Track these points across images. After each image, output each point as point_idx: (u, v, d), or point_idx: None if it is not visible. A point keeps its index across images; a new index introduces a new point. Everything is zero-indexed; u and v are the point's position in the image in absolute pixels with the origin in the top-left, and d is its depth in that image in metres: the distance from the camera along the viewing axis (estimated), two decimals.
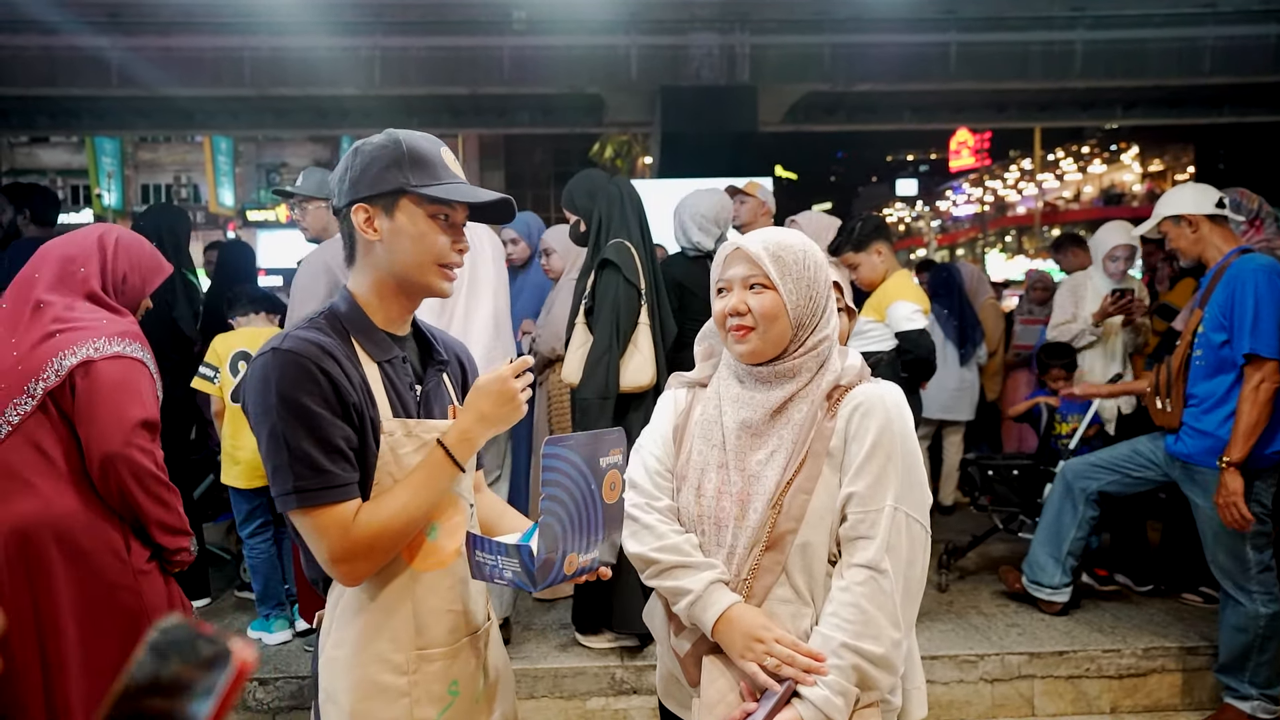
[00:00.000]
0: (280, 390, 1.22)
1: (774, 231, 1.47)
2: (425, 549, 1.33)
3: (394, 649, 1.30)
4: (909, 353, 3.24)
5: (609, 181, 3.24)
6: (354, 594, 1.32)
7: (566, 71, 14.99)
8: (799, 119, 16.46)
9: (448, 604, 1.35)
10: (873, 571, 1.31)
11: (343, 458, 1.24)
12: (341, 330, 1.33)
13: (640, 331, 2.99)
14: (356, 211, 1.31)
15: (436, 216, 1.32)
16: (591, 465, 1.24)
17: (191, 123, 16.29)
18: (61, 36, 13.83)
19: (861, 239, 3.39)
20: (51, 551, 1.79)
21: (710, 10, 14.63)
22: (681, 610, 1.40)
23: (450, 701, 1.34)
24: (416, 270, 1.32)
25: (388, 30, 14.57)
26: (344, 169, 1.34)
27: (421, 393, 1.39)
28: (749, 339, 1.40)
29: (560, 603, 3.70)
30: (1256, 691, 2.94)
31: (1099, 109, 16.99)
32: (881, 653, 1.29)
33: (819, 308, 1.44)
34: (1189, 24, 14.84)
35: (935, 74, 15.11)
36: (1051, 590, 3.44)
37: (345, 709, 1.30)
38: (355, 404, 1.27)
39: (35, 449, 1.82)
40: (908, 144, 57.36)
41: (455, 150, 1.46)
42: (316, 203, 3.26)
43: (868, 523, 1.33)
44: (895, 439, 1.36)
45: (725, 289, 1.45)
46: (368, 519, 1.24)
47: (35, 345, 1.86)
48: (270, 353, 1.25)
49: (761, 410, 1.41)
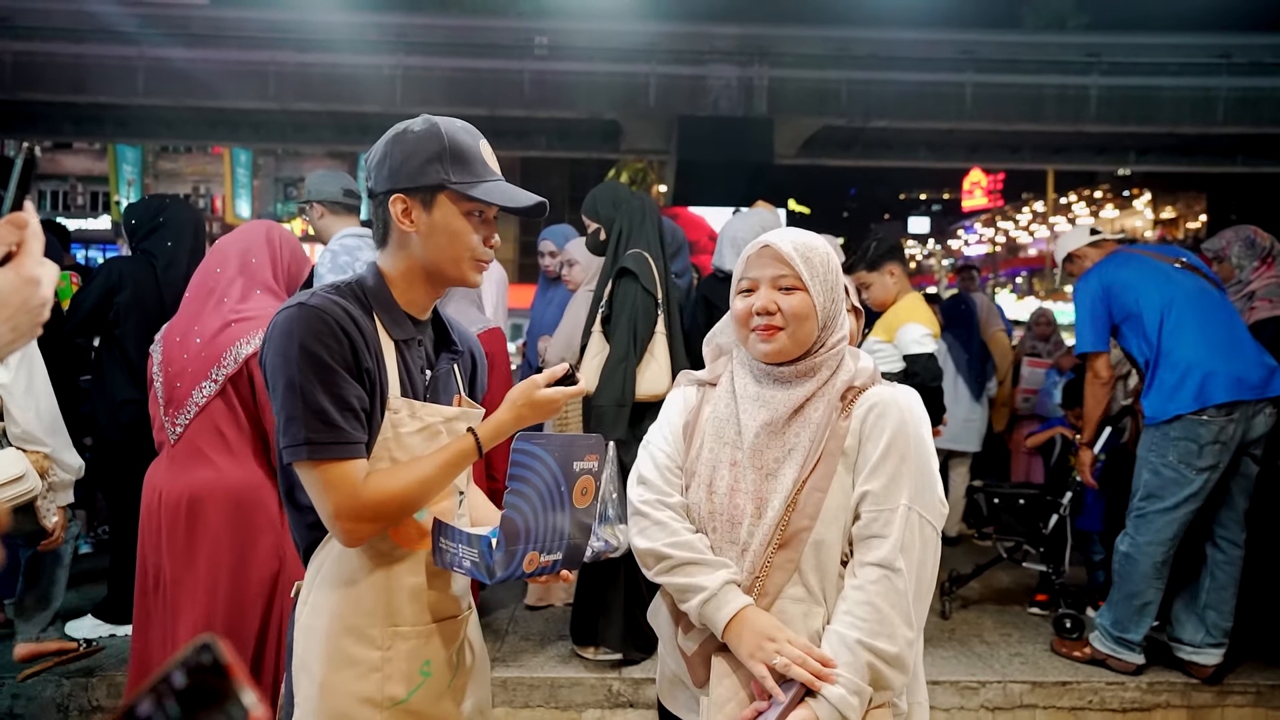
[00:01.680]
0: (302, 342, 1.23)
1: (798, 232, 1.48)
2: (413, 530, 1.35)
3: (370, 623, 1.31)
4: (916, 375, 3.24)
5: (633, 195, 3.28)
6: (335, 564, 1.33)
7: (585, 97, 15.21)
8: (814, 152, 16.62)
9: (427, 584, 1.36)
10: (887, 570, 1.31)
11: (355, 416, 1.25)
12: (365, 303, 1.34)
13: (657, 340, 3.01)
14: (395, 202, 1.33)
15: (472, 214, 1.34)
16: (564, 468, 1.24)
17: (214, 134, 16.53)
18: (91, 44, 14.12)
19: (875, 259, 3.41)
20: (219, 515, 2.09)
21: (729, 43, 14.85)
22: (693, 608, 1.39)
23: (421, 682, 1.35)
24: (451, 264, 1.35)
25: (411, 50, 14.82)
26: (384, 155, 1.35)
27: (431, 377, 1.41)
28: (776, 338, 1.40)
29: (557, 613, 3.68)
30: (1106, 623, 3.28)
31: (1112, 154, 17.10)
32: (895, 651, 1.29)
33: (839, 309, 1.46)
34: (1203, 74, 14.99)
35: (950, 113, 15.27)
36: (1193, 649, 3.30)
37: (316, 677, 1.31)
38: (369, 370, 1.28)
39: (215, 429, 2.11)
40: (921, 182, 57.62)
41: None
42: (318, 207, 3.31)
43: (881, 521, 1.33)
44: (909, 440, 1.37)
45: (751, 288, 1.45)
46: (382, 482, 1.25)
47: (215, 334, 2.11)
48: (296, 307, 1.27)
49: (784, 409, 1.41)
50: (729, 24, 14.77)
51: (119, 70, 13.71)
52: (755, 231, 3.37)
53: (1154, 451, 3.20)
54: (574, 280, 3.76)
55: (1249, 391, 3.07)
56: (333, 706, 1.30)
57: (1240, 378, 3.08)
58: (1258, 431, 3.15)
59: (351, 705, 1.30)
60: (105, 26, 13.85)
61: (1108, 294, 3.29)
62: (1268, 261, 3.56)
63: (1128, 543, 3.23)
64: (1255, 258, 3.57)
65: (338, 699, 1.30)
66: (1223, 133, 14.97)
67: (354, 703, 1.30)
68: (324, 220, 3.32)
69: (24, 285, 0.77)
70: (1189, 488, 3.11)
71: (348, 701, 1.30)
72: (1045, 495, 3.91)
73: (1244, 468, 3.21)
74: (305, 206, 3.37)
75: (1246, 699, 3.23)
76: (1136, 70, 14.88)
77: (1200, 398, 3.07)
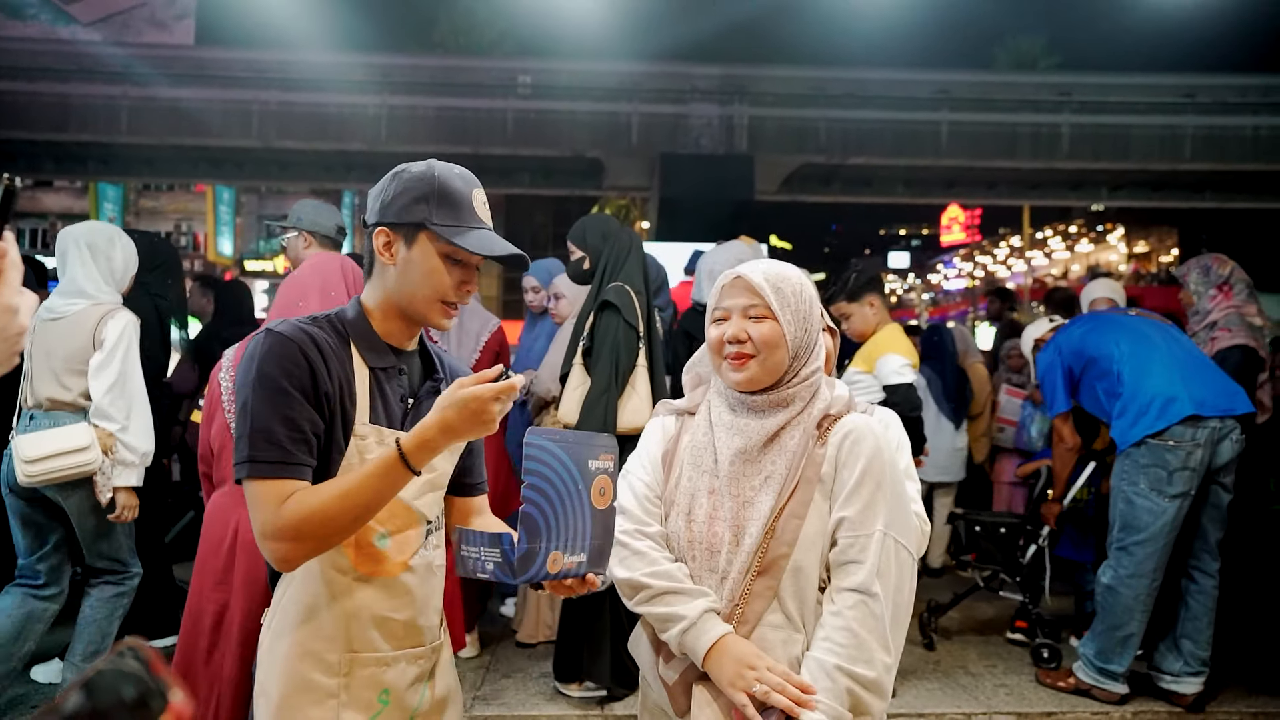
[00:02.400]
0: (261, 367, 1.27)
1: (771, 263, 1.52)
2: (372, 554, 1.34)
3: (328, 648, 1.31)
4: (896, 405, 3.27)
5: (621, 228, 3.31)
6: (298, 589, 1.33)
7: (568, 136, 15.40)
8: (795, 189, 16.87)
9: (389, 612, 1.35)
10: (864, 595, 1.32)
11: (303, 441, 1.27)
12: (342, 333, 1.37)
13: (638, 373, 3.02)
14: (379, 234, 1.37)
15: (449, 257, 1.36)
16: (579, 465, 1.22)
17: (197, 171, 16.57)
18: (76, 83, 14.17)
19: (855, 290, 3.45)
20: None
21: (710, 82, 15.14)
22: (672, 638, 1.39)
23: (379, 710, 1.34)
24: (420, 302, 1.37)
25: (396, 90, 14.99)
26: (381, 189, 1.40)
27: (412, 405, 1.42)
28: (747, 366, 1.43)
29: (540, 650, 3.64)
30: (1089, 653, 3.28)
31: (1086, 190, 17.48)
32: (874, 676, 1.30)
33: (813, 340, 1.48)
34: (1170, 112, 15.42)
35: (927, 150, 15.58)
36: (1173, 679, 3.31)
37: (274, 700, 1.31)
38: (328, 394, 1.30)
39: None
40: (901, 218, 58.49)
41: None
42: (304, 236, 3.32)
43: (858, 547, 1.35)
44: (884, 466, 1.39)
45: (723, 317, 1.48)
46: (300, 500, 1.24)
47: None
48: (265, 333, 1.31)
49: (757, 438, 1.43)
50: (710, 64, 15.07)
51: (103, 109, 13.77)
52: (732, 263, 3.41)
53: (1125, 480, 3.24)
54: (561, 314, 3.78)
55: (1210, 409, 3.14)
56: None
57: (1202, 399, 3.16)
58: (1224, 458, 3.19)
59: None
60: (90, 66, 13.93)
61: (1060, 352, 3.46)
62: (1225, 290, 3.63)
63: (1110, 574, 3.25)
64: (1211, 285, 3.66)
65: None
66: (1190, 169, 15.36)
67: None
68: (309, 250, 3.33)
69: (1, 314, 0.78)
70: (1163, 517, 3.15)
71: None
72: (1025, 525, 3.93)
73: (1214, 497, 3.25)
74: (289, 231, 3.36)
75: None
76: (1106, 109, 15.28)
77: (1164, 417, 3.14)
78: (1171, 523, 3.15)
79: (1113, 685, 3.22)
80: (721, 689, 1.34)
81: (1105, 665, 3.22)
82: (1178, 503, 3.14)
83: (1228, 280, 3.64)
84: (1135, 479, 3.19)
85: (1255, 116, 15.04)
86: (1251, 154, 15.28)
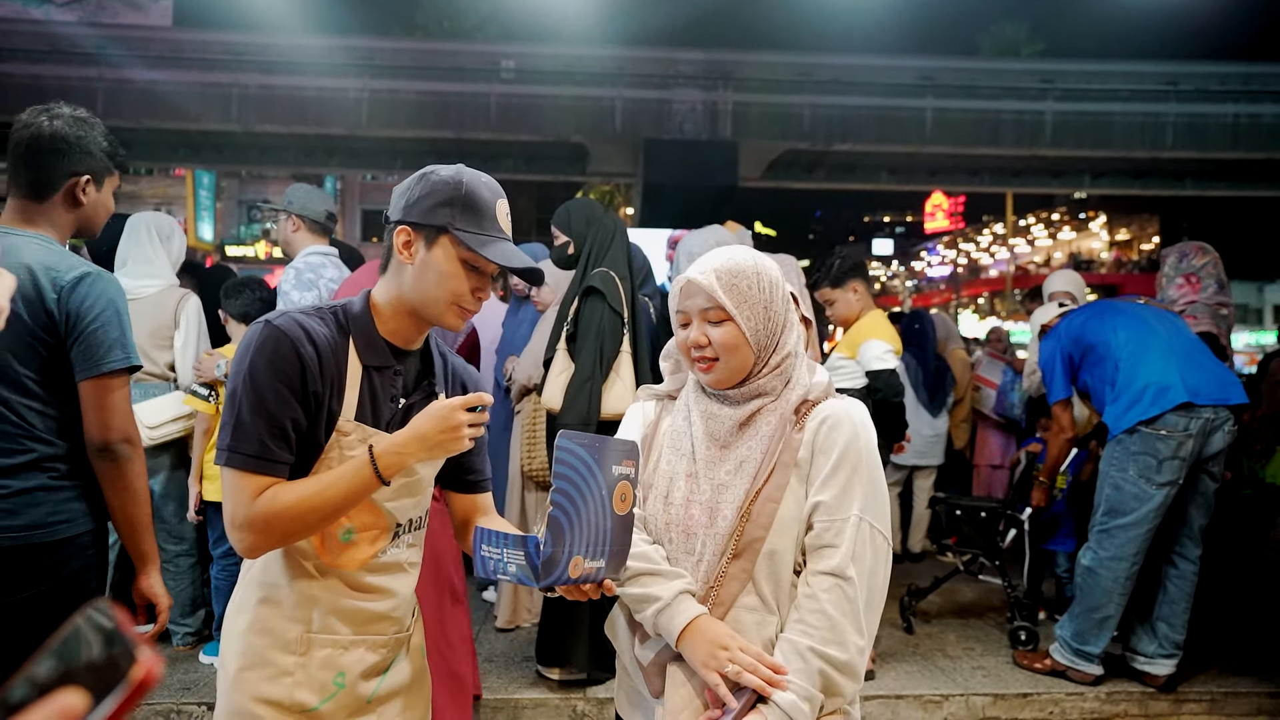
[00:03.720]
0: (253, 360, 1.28)
1: (725, 255, 1.45)
2: (333, 547, 1.36)
3: (287, 627, 1.34)
4: (879, 391, 3.28)
5: (606, 214, 3.29)
6: (261, 568, 1.36)
7: (552, 121, 15.30)
8: (779, 175, 16.86)
9: (351, 600, 1.37)
10: (838, 579, 1.33)
11: (282, 437, 1.29)
12: (344, 326, 1.38)
13: (622, 359, 3.01)
14: (400, 233, 1.38)
15: (467, 263, 1.37)
16: (603, 468, 1.22)
17: (176, 156, 16.34)
18: (49, 65, 13.93)
19: (839, 276, 3.46)
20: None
21: (694, 67, 15.07)
22: (647, 618, 1.40)
23: (334, 693, 1.35)
24: (434, 304, 1.38)
25: (377, 73, 14.83)
26: (406, 188, 1.41)
27: (403, 407, 1.42)
28: (714, 369, 1.42)
29: (523, 635, 3.65)
30: (1067, 635, 3.32)
31: (1068, 177, 17.59)
32: (846, 659, 1.31)
33: (778, 327, 1.46)
34: (1152, 100, 15.51)
35: (911, 137, 15.61)
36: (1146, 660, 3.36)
37: (230, 673, 1.34)
38: (316, 392, 1.31)
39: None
40: (884, 205, 58.65)
41: None
42: (294, 220, 3.30)
43: (833, 531, 1.35)
44: (861, 452, 1.39)
45: (685, 321, 1.46)
46: (272, 495, 1.27)
47: None
48: (262, 324, 1.32)
49: (729, 423, 1.43)
50: (694, 49, 15.00)
51: (78, 91, 13.54)
52: (710, 248, 3.40)
53: (1114, 466, 3.25)
54: (543, 301, 3.77)
55: (1205, 399, 3.14)
56: (239, 704, 1.32)
57: (1197, 388, 3.15)
58: (1215, 447, 3.20)
59: (257, 706, 1.32)
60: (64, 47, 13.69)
61: (1061, 339, 3.46)
62: (1192, 282, 3.66)
63: (1090, 557, 3.28)
64: (1180, 274, 3.69)
65: (244, 698, 1.32)
66: (1172, 157, 15.46)
67: (260, 704, 1.32)
68: (297, 234, 3.32)
69: None
70: (1149, 503, 3.16)
71: (254, 702, 1.32)
72: (1006, 510, 3.97)
73: (1201, 485, 3.27)
74: (278, 214, 3.34)
75: (1201, 706, 3.29)
76: (1089, 96, 15.34)
77: (1157, 404, 3.14)
78: (1157, 510, 3.17)
79: (1088, 666, 3.27)
80: (695, 669, 1.35)
81: (1081, 646, 3.26)
82: (1165, 490, 3.16)
83: (1197, 272, 3.66)
84: (1125, 465, 3.21)
85: (1236, 105, 15.15)
86: (1232, 142, 15.41)
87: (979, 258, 45.13)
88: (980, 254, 44.93)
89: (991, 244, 43.59)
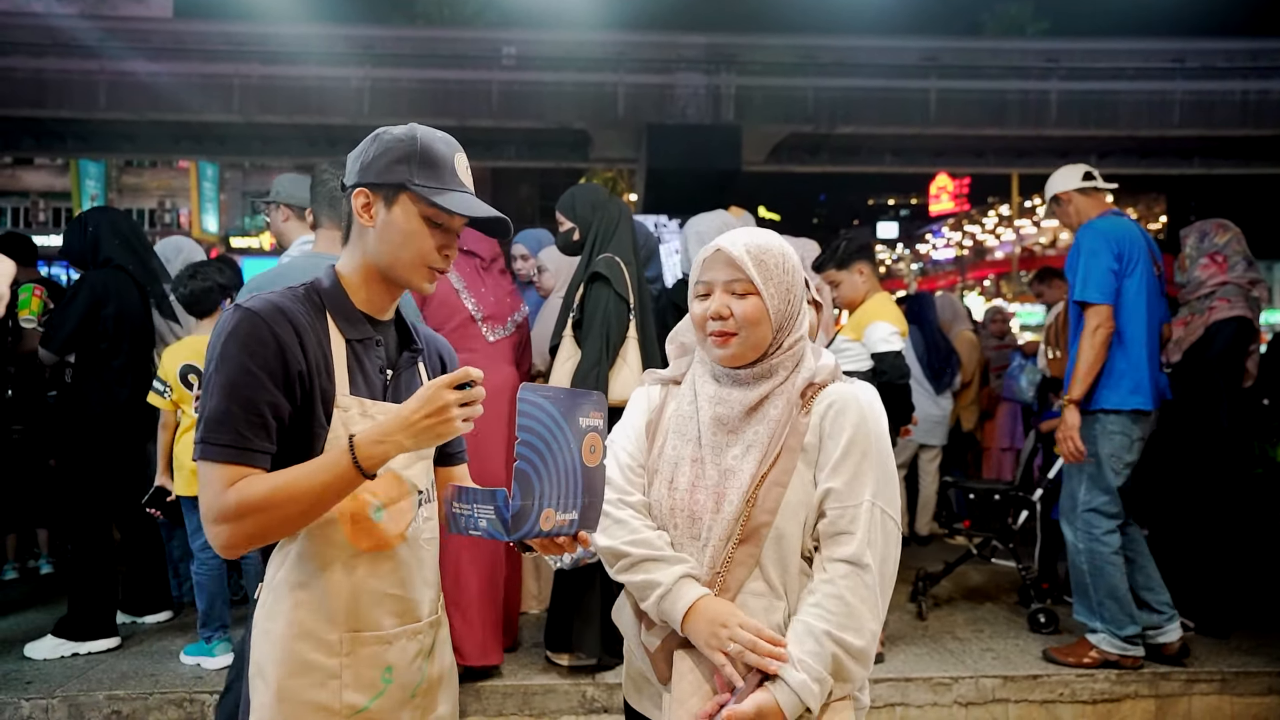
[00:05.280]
0: (225, 346, 1.24)
1: (752, 233, 1.48)
2: (367, 529, 1.31)
3: (328, 628, 1.28)
4: (885, 373, 3.27)
5: (611, 200, 3.27)
6: (293, 567, 1.30)
7: (554, 107, 15.23)
8: (782, 159, 16.77)
9: (388, 587, 1.33)
10: (855, 566, 1.33)
11: (261, 426, 1.23)
12: (318, 304, 1.34)
13: (629, 345, 3.00)
14: (357, 195, 1.34)
15: (430, 220, 1.33)
16: (570, 421, 1.20)
17: (178, 147, 16.32)
18: (51, 58, 13.90)
19: (845, 257, 3.44)
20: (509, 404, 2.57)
21: (697, 51, 14.97)
22: (650, 605, 1.39)
23: (382, 690, 1.31)
24: (401, 265, 1.34)
25: (378, 62, 14.77)
26: (360, 151, 1.37)
27: (392, 376, 1.39)
28: (731, 343, 1.41)
29: (532, 620, 3.66)
30: (1102, 626, 3.22)
31: (1074, 157, 17.42)
32: (861, 645, 1.31)
33: (796, 310, 1.46)
34: (1158, 78, 15.36)
35: (915, 118, 15.50)
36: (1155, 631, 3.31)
37: (272, 684, 1.27)
38: (302, 373, 1.26)
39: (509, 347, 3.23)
40: (889, 187, 58.32)
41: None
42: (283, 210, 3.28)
43: (847, 518, 1.34)
44: (870, 436, 1.38)
45: (706, 292, 1.45)
46: (245, 485, 1.21)
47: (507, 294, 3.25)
48: (234, 309, 1.28)
49: (738, 407, 1.42)
50: (696, 33, 14.90)
51: (80, 84, 13.52)
52: (718, 231, 3.38)
53: (1094, 444, 3.20)
54: (545, 287, 3.76)
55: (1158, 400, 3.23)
56: (289, 715, 1.27)
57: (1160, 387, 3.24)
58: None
59: (308, 713, 1.27)
60: (65, 40, 13.66)
61: (1106, 238, 3.14)
62: (1218, 262, 3.58)
63: (1088, 541, 3.22)
64: (1203, 254, 3.61)
65: (294, 707, 1.27)
66: (1179, 135, 15.32)
67: (311, 711, 1.27)
68: (288, 224, 3.30)
69: None
70: (1116, 481, 3.20)
71: (304, 710, 1.27)
72: (1018, 491, 3.96)
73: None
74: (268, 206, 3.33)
75: (1212, 686, 3.29)
76: (1094, 75, 15.21)
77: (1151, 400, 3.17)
78: (1119, 488, 3.22)
79: (1137, 650, 3.21)
80: (700, 650, 1.34)
81: (1122, 631, 3.18)
82: (1129, 471, 3.22)
83: (1221, 250, 3.58)
84: (1103, 444, 3.19)
85: (1244, 81, 15.00)
86: (1239, 119, 15.26)
87: (984, 240, 44.90)
88: (986, 236, 44.70)
89: (997, 226, 43.35)
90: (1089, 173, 3.37)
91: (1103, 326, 3.09)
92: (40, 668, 3.17)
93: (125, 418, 3.39)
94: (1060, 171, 3.45)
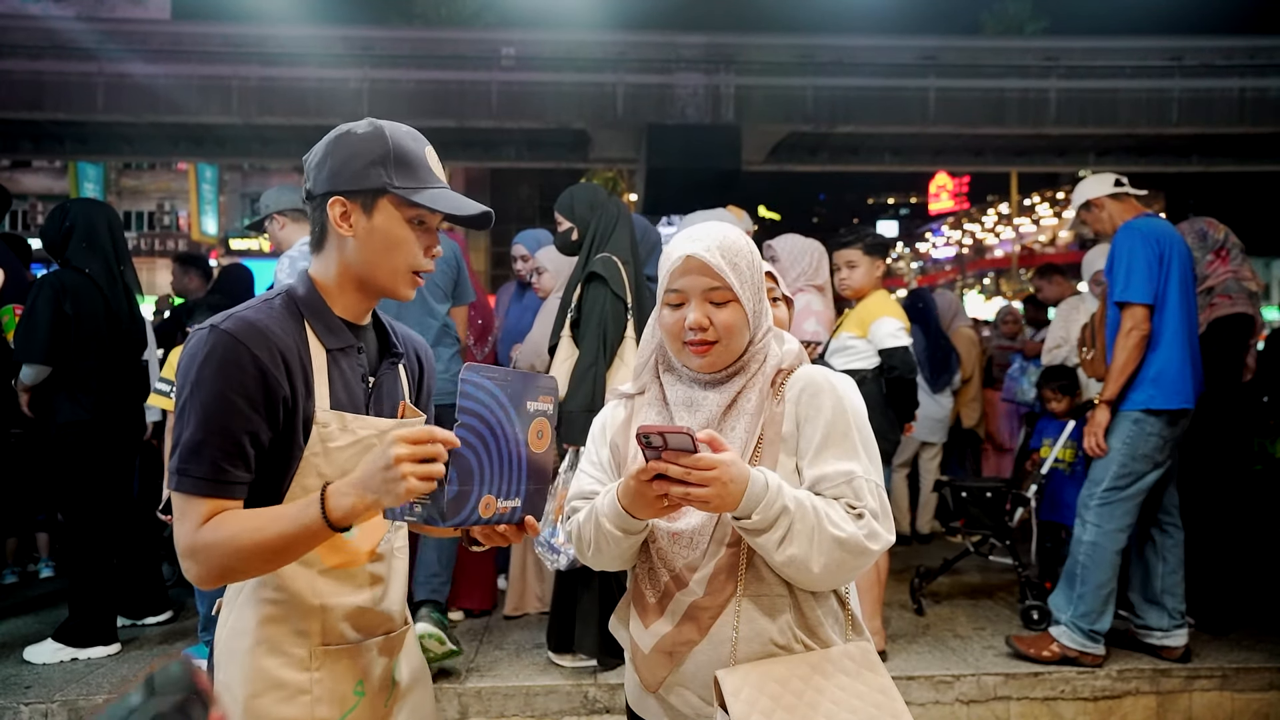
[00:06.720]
0: (200, 372, 1.18)
1: (718, 232, 1.39)
2: (338, 545, 1.26)
3: (296, 643, 1.24)
4: (893, 370, 3.27)
5: (610, 198, 3.27)
6: (258, 583, 1.25)
7: (554, 107, 15.22)
8: (782, 158, 16.76)
9: (357, 601, 1.30)
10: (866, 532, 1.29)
11: (239, 454, 1.19)
12: (296, 313, 1.28)
13: (627, 345, 3.01)
14: (333, 204, 1.27)
15: (414, 221, 1.29)
16: (516, 405, 1.15)
17: (177, 150, 16.31)
18: (49, 60, 13.89)
19: (873, 246, 3.47)
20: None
21: (696, 51, 14.96)
22: (605, 530, 1.34)
23: (355, 703, 1.28)
24: (386, 274, 1.29)
25: (377, 63, 14.76)
26: (324, 155, 1.29)
27: (373, 385, 1.35)
28: (712, 352, 1.37)
29: (533, 621, 3.66)
30: (1067, 619, 3.24)
31: (1073, 155, 17.43)
32: (838, 536, 1.25)
33: (764, 305, 1.44)
34: (1157, 76, 15.35)
35: (915, 117, 15.48)
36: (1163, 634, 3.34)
37: (240, 701, 1.23)
38: (286, 397, 1.21)
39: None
40: (888, 186, 58.32)
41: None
42: (278, 219, 3.30)
43: (851, 495, 1.32)
44: (849, 415, 1.37)
45: (680, 301, 1.37)
46: (217, 523, 1.17)
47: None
48: (208, 329, 1.21)
49: (717, 409, 1.39)
50: (695, 33, 14.89)
51: (78, 86, 13.51)
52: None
53: (1125, 441, 3.19)
54: (544, 288, 3.75)
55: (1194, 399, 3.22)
56: None
57: (1198, 384, 3.22)
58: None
59: None
60: (63, 42, 13.65)
61: (1146, 238, 3.15)
62: (1222, 256, 3.61)
63: (1093, 532, 3.23)
64: (1208, 251, 3.63)
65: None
66: (1177, 133, 15.32)
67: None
68: (285, 230, 3.31)
69: None
70: (1147, 480, 3.19)
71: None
72: (1011, 488, 3.96)
73: (1174, 460, 3.33)
74: (265, 222, 3.34)
75: (1213, 682, 3.29)
76: (1093, 73, 15.21)
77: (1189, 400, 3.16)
78: (1152, 486, 3.21)
79: (1097, 649, 3.24)
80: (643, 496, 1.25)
81: (1092, 627, 3.23)
82: (1162, 469, 3.20)
83: (1224, 245, 3.62)
84: (1136, 443, 3.17)
85: (1242, 79, 14.99)
86: (1238, 117, 15.25)
87: (984, 238, 44.87)
88: (985, 234, 44.68)
89: (996, 224, 43.32)
90: (1119, 179, 3.45)
91: (1137, 328, 3.10)
92: (40, 672, 3.17)
93: (98, 427, 3.28)
94: (1090, 179, 3.51)
